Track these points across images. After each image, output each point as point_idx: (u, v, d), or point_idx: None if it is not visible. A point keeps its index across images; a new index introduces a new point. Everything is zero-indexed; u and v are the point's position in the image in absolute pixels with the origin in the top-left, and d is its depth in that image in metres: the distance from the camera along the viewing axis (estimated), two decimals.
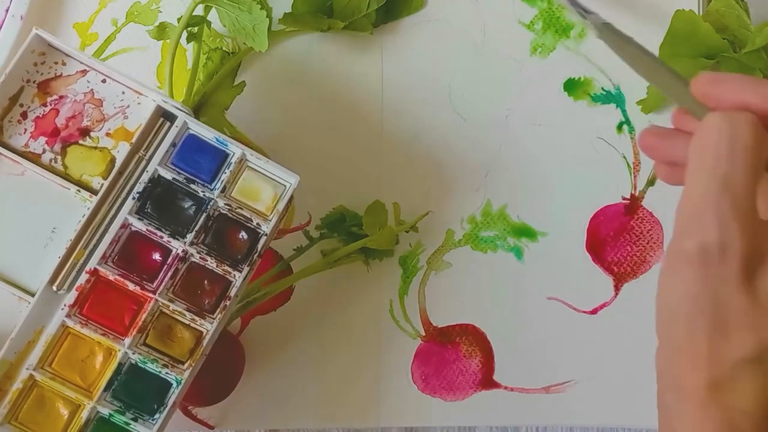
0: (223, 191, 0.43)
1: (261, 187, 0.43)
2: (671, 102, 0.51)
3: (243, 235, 0.43)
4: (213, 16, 0.50)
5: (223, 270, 0.42)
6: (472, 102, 0.52)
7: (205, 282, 0.42)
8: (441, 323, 0.52)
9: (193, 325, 0.42)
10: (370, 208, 0.52)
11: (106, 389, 0.41)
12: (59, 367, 0.42)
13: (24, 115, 0.43)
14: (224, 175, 0.43)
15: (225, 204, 0.42)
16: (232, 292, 0.42)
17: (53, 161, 0.43)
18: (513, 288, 0.52)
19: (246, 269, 0.42)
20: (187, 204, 0.43)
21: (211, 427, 0.51)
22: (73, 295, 0.41)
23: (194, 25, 0.49)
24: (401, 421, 0.52)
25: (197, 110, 0.52)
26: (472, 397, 0.52)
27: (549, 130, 0.52)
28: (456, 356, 0.52)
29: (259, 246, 0.42)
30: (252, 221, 0.43)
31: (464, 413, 0.52)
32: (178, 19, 0.48)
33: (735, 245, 0.29)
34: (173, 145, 0.43)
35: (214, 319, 0.42)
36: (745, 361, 0.29)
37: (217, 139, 0.43)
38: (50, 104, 0.43)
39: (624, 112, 0.52)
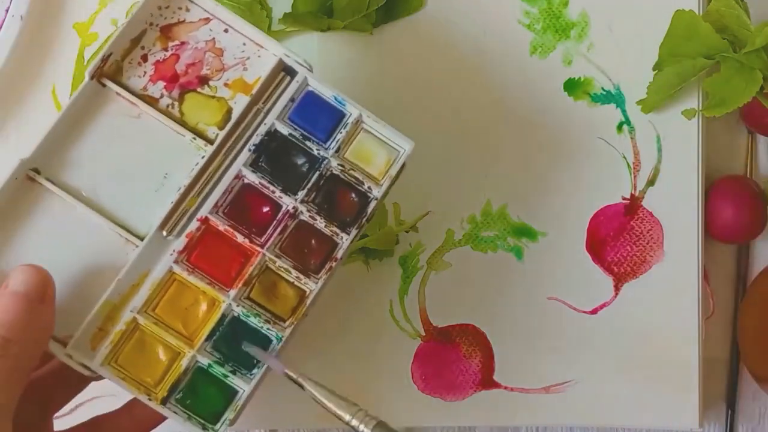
0: (337, 151, 0.42)
1: (375, 151, 0.42)
2: (671, 101, 0.52)
3: (353, 197, 0.42)
4: None
5: (331, 231, 0.41)
6: (473, 102, 0.52)
7: (313, 241, 0.42)
8: (441, 323, 0.52)
9: (297, 283, 0.41)
10: None
11: (207, 339, 0.40)
12: (163, 312, 0.41)
13: (144, 58, 0.43)
14: (340, 135, 0.42)
15: (338, 164, 0.42)
16: (339, 254, 0.41)
17: (170, 107, 0.42)
18: (513, 288, 0.52)
19: (354, 232, 0.41)
20: (301, 161, 0.42)
21: None
22: (182, 241, 0.41)
23: None
24: (401, 421, 0.52)
25: None
26: (472, 397, 0.52)
27: (549, 130, 0.52)
28: (456, 356, 0.52)
29: (369, 210, 0.42)
30: (363, 184, 0.42)
31: (464, 413, 0.52)
32: None
33: None
34: (292, 100, 0.42)
35: (318, 279, 0.41)
36: None
37: (335, 98, 0.42)
38: (171, 49, 0.43)
39: (624, 112, 0.52)
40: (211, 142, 0.42)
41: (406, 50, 0.52)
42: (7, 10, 0.51)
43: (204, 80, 0.43)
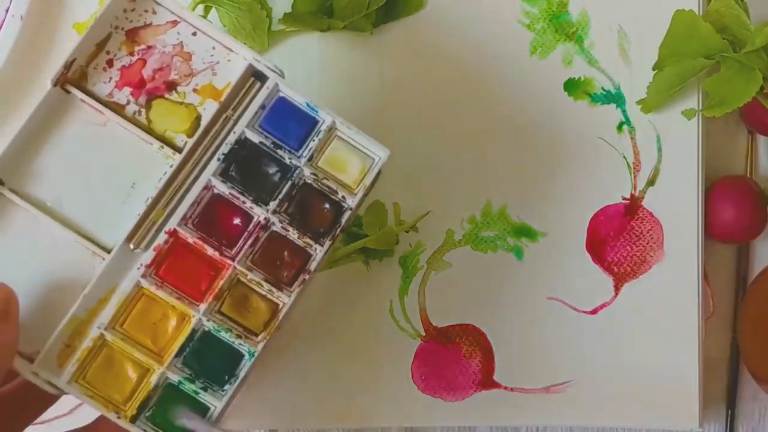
0: (310, 160, 0.40)
1: (349, 159, 0.41)
2: (671, 101, 0.52)
3: (327, 207, 0.40)
4: (213, 16, 0.50)
5: (304, 242, 0.40)
6: (473, 102, 0.52)
7: (285, 253, 0.40)
8: (441, 323, 0.52)
9: (269, 296, 0.40)
10: (370, 208, 0.52)
11: (177, 355, 0.39)
12: (131, 328, 0.40)
13: (110, 63, 0.41)
14: (312, 143, 0.40)
15: (311, 173, 0.40)
16: (312, 266, 0.40)
17: (137, 113, 0.41)
18: (513, 288, 0.52)
19: (328, 243, 0.40)
20: (273, 170, 0.40)
21: None
22: (150, 254, 0.40)
23: None
24: (401, 421, 0.52)
25: None
26: (472, 397, 0.52)
27: (549, 130, 0.52)
28: (456, 356, 0.52)
29: (343, 220, 0.40)
30: (337, 193, 0.40)
31: (464, 413, 0.52)
32: None
33: None
34: (262, 107, 0.41)
35: (291, 292, 0.40)
36: None
37: (308, 104, 0.41)
38: (138, 54, 0.41)
39: (624, 112, 0.52)
40: (179, 150, 0.40)
41: (406, 50, 0.52)
42: (7, 10, 0.51)
43: (172, 86, 0.41)
